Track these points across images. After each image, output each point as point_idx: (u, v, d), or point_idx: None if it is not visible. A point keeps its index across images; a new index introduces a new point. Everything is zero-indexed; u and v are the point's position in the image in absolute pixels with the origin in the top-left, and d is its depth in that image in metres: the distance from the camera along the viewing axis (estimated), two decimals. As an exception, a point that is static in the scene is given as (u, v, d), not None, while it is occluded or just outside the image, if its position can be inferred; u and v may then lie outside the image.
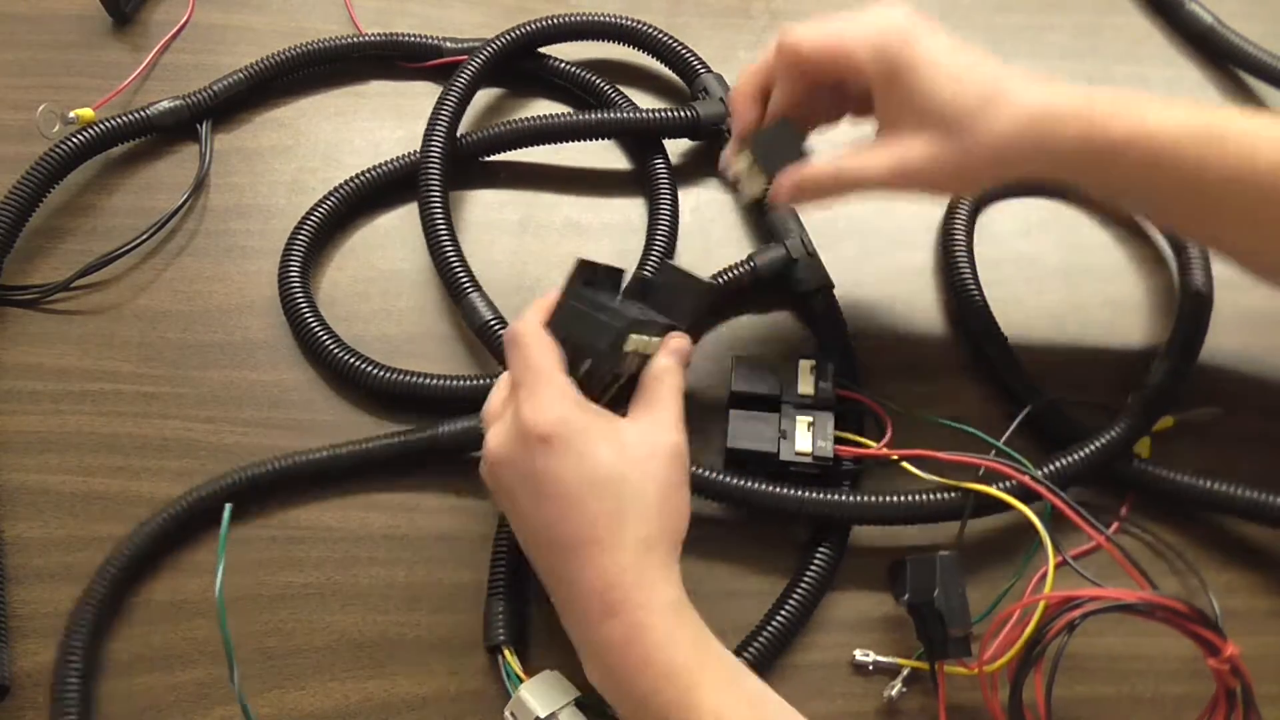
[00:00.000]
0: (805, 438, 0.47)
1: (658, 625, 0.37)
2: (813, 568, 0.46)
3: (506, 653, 0.44)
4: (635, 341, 0.40)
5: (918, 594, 0.43)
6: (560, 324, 0.40)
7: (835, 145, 0.45)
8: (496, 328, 0.49)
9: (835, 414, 0.48)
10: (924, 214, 0.58)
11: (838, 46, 0.42)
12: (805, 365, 0.49)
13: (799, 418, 0.48)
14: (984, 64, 0.42)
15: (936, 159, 0.41)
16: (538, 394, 0.38)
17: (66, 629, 0.44)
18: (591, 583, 0.37)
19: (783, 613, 0.45)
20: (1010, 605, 0.42)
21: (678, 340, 0.43)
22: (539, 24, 0.58)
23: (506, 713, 0.42)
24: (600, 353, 0.40)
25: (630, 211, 0.57)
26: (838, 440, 0.47)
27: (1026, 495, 0.46)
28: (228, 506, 0.39)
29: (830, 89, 0.45)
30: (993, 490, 0.45)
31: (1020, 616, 0.41)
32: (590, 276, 0.42)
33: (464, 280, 0.51)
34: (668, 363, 0.42)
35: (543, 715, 0.41)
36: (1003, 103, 0.41)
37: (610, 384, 0.42)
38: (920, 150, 0.42)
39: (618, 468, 0.38)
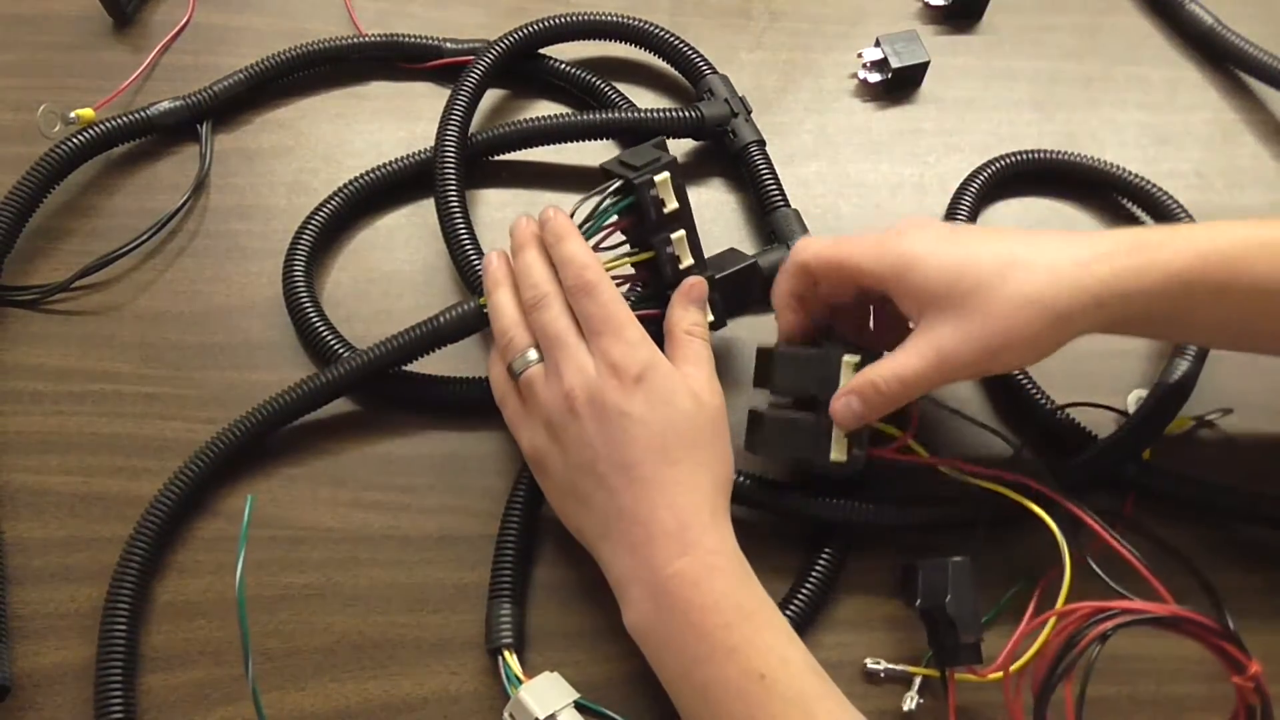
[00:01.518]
0: (841, 446, 0.44)
1: (730, 567, 0.40)
2: (817, 569, 0.46)
3: (507, 654, 0.44)
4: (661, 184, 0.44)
5: (930, 599, 0.43)
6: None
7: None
8: None
9: None
10: (924, 214, 0.58)
11: (841, 258, 0.43)
12: (849, 361, 0.44)
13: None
14: (992, 239, 0.41)
15: (974, 336, 0.40)
16: (625, 336, 0.41)
17: (119, 563, 0.44)
18: (667, 522, 0.39)
19: (787, 612, 0.45)
20: (1031, 613, 0.42)
21: (689, 287, 0.45)
22: (547, 22, 0.58)
23: (505, 714, 0.42)
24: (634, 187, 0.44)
25: (631, 212, 0.57)
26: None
27: (1041, 501, 0.46)
28: (250, 498, 0.39)
29: (858, 293, 0.45)
30: (1013, 494, 0.46)
31: (1053, 624, 0.42)
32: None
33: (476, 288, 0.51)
34: (692, 318, 0.44)
35: (542, 716, 0.41)
36: (1026, 264, 0.40)
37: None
38: (954, 333, 0.40)
39: (697, 412, 0.41)
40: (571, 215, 0.45)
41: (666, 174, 0.45)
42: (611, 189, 0.45)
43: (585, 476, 0.41)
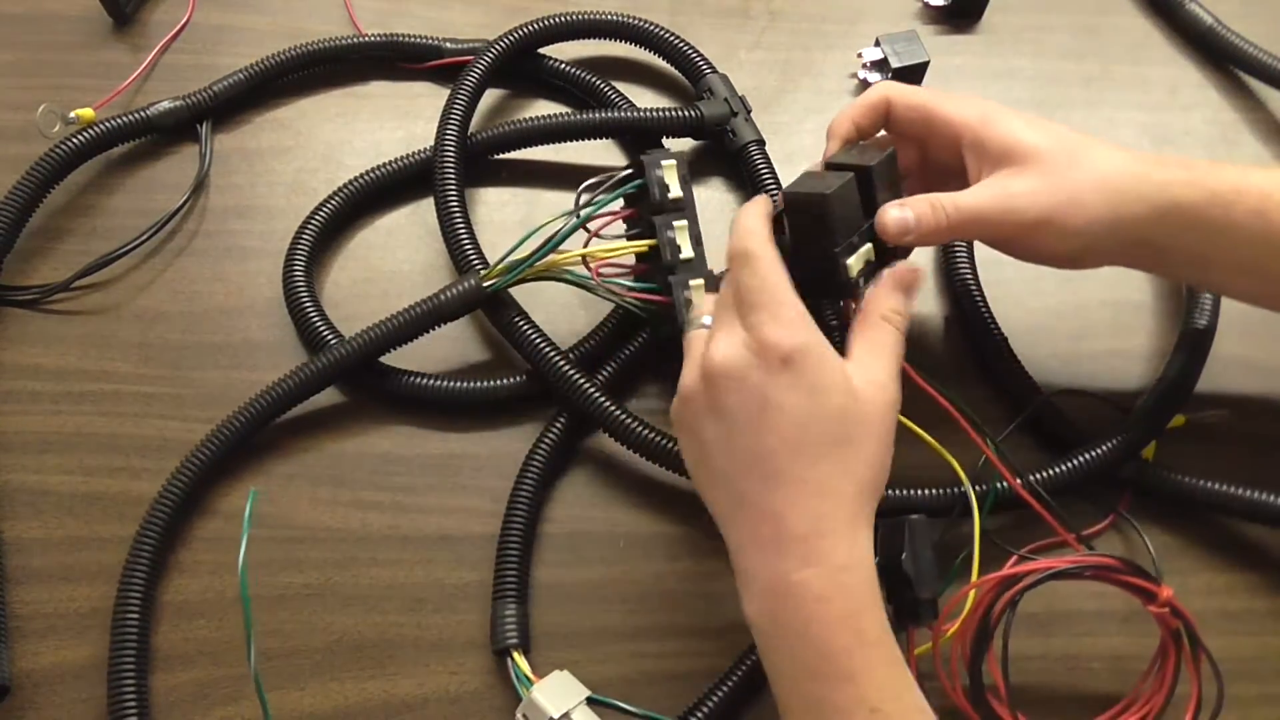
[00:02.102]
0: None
1: (859, 587, 0.36)
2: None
3: (516, 655, 0.44)
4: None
5: (886, 557, 0.43)
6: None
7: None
8: (522, 325, 0.49)
9: None
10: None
11: (928, 101, 0.45)
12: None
13: None
14: (1063, 126, 0.44)
15: (1045, 190, 0.42)
16: (780, 314, 0.37)
17: (131, 549, 0.44)
18: (797, 525, 0.36)
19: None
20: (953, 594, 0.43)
21: (906, 272, 0.42)
22: (547, 22, 0.58)
23: (518, 715, 0.42)
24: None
25: (630, 212, 0.58)
26: None
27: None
28: (253, 491, 0.39)
29: (915, 147, 0.46)
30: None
31: (972, 597, 0.42)
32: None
33: (476, 265, 0.50)
34: (894, 304, 0.41)
35: (556, 716, 0.41)
36: (1100, 148, 0.43)
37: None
38: (1027, 183, 0.42)
39: (847, 411, 0.37)
40: (579, 195, 0.45)
41: (674, 161, 0.46)
42: (622, 173, 0.46)
43: (718, 453, 0.38)
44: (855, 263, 0.41)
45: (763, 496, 0.37)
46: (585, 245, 0.47)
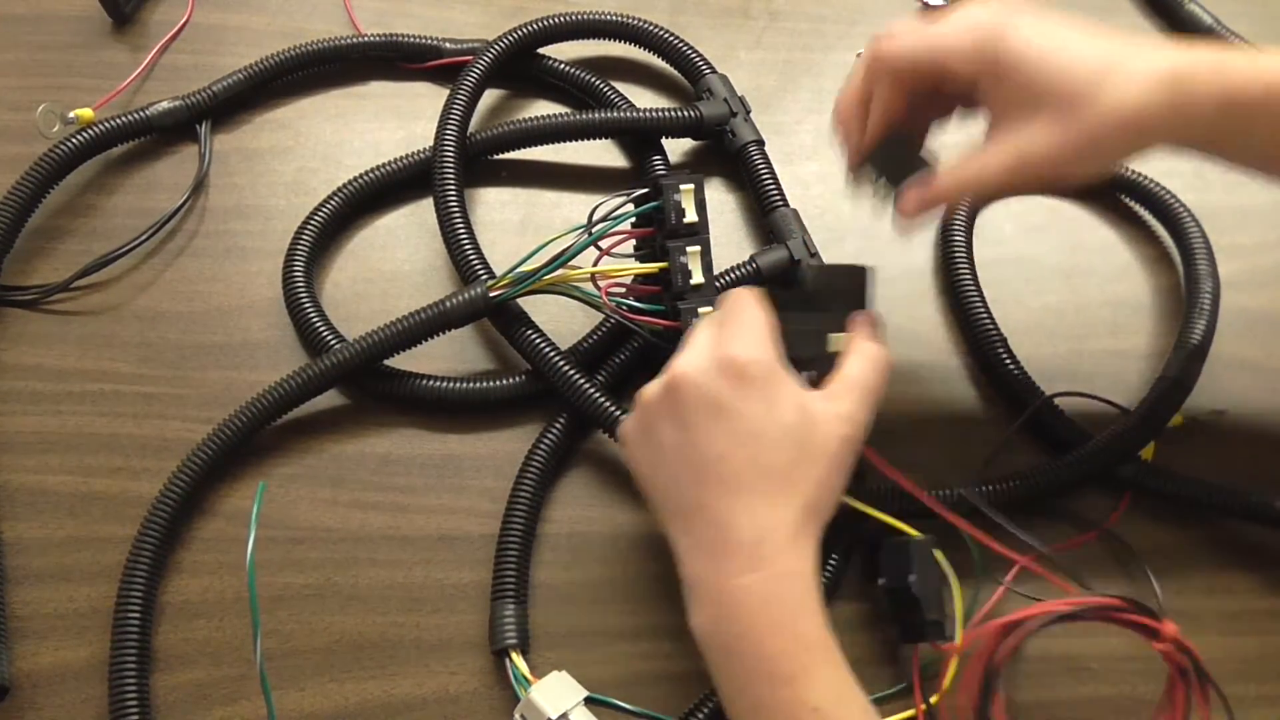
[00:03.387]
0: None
1: (799, 593, 0.37)
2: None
3: (514, 656, 0.44)
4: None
5: (894, 578, 0.43)
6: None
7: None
8: (524, 328, 0.49)
9: None
10: (924, 214, 0.58)
11: (930, 53, 0.42)
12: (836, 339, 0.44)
13: None
14: (1092, 37, 0.40)
15: (1059, 140, 0.39)
16: (745, 334, 0.40)
17: (133, 547, 0.44)
18: (743, 531, 0.38)
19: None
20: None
21: (874, 315, 0.44)
22: (546, 22, 0.58)
23: (516, 715, 0.42)
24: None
25: (630, 212, 0.57)
26: None
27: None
28: (262, 484, 0.40)
29: (929, 93, 0.43)
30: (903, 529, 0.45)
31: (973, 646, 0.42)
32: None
33: (481, 274, 0.51)
34: (872, 350, 0.43)
35: (554, 716, 0.41)
36: (1125, 70, 0.39)
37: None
38: (1040, 135, 0.39)
39: (801, 428, 0.39)
40: (593, 213, 0.45)
41: (692, 185, 0.46)
42: (637, 193, 0.46)
43: (672, 458, 0.40)
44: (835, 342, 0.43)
45: (712, 502, 0.38)
46: (596, 263, 0.47)
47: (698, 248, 0.47)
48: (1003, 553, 0.43)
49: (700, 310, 0.46)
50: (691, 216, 0.46)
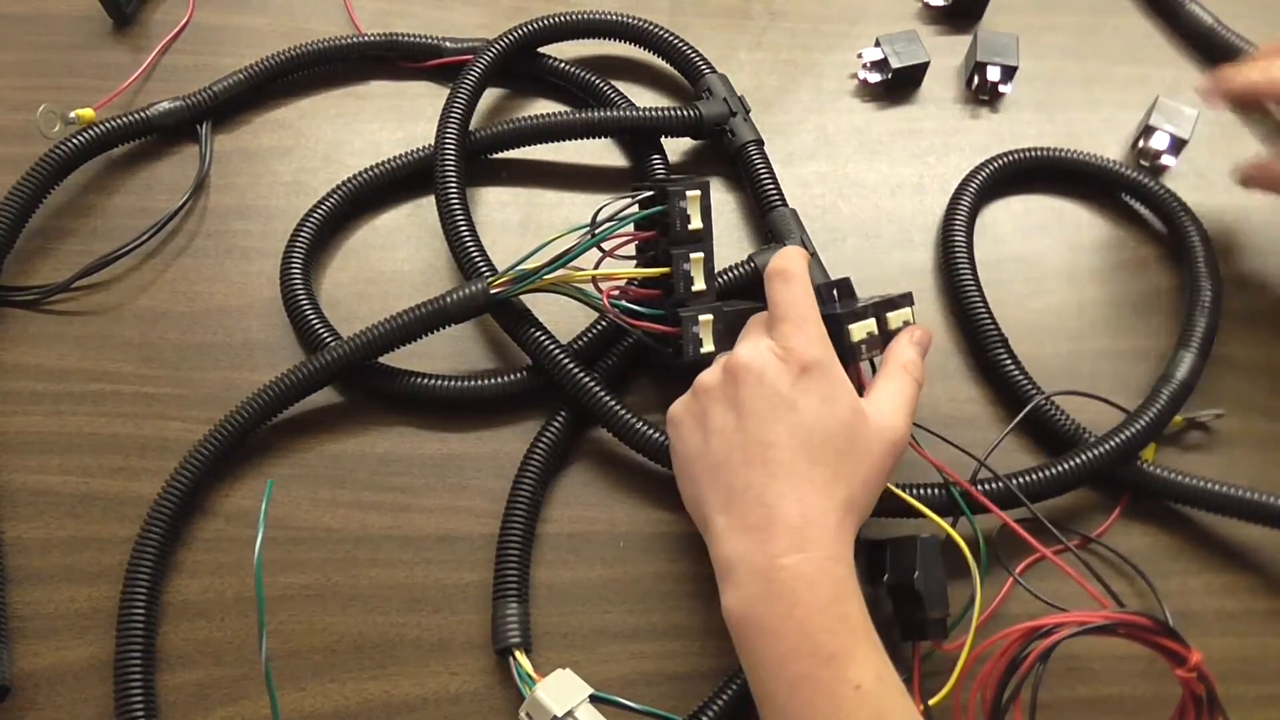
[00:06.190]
0: None
1: (842, 576, 0.39)
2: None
3: (518, 655, 0.44)
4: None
5: (898, 575, 0.43)
6: None
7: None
8: (525, 323, 0.49)
9: None
10: (924, 214, 0.58)
11: None
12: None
13: None
14: None
15: None
16: (807, 329, 0.41)
17: (135, 546, 0.45)
18: (791, 514, 0.39)
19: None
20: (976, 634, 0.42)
21: (923, 333, 0.46)
22: (546, 21, 0.58)
23: (522, 713, 0.42)
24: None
25: (630, 212, 0.57)
26: None
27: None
28: (270, 481, 0.40)
29: None
30: (934, 516, 0.45)
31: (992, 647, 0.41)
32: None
33: (483, 269, 0.51)
34: (912, 355, 0.44)
35: (560, 714, 0.41)
36: None
37: None
38: None
39: (854, 428, 0.41)
40: (596, 215, 0.46)
41: (699, 191, 0.46)
42: (642, 195, 0.46)
43: (721, 442, 0.41)
44: (858, 330, 0.44)
45: (764, 485, 0.39)
46: (598, 265, 0.47)
47: (701, 255, 0.46)
48: (1039, 549, 0.44)
49: (701, 318, 0.46)
50: (696, 224, 0.46)
